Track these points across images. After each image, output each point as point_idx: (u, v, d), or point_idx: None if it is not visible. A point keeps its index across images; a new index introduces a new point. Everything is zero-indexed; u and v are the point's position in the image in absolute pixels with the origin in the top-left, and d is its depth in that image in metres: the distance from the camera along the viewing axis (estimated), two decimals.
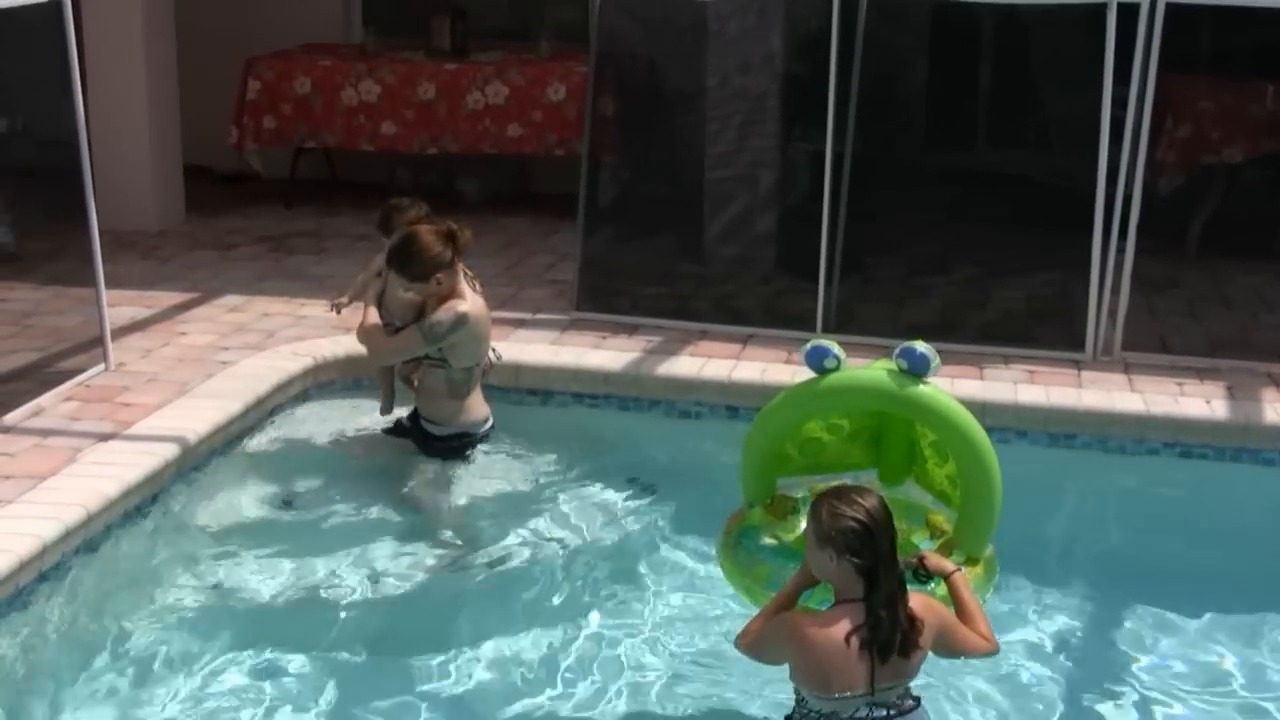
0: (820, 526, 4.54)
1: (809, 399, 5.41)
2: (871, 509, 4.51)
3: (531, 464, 6.96)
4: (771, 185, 9.03)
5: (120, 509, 6.06)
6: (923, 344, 5.25)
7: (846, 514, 4.49)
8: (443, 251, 6.39)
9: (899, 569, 4.54)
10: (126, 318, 8.21)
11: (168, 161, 10.37)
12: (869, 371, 5.37)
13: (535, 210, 10.75)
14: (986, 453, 5.24)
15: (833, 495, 4.57)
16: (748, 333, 8.09)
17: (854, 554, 4.48)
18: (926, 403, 5.24)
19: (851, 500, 4.52)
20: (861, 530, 4.47)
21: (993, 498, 5.28)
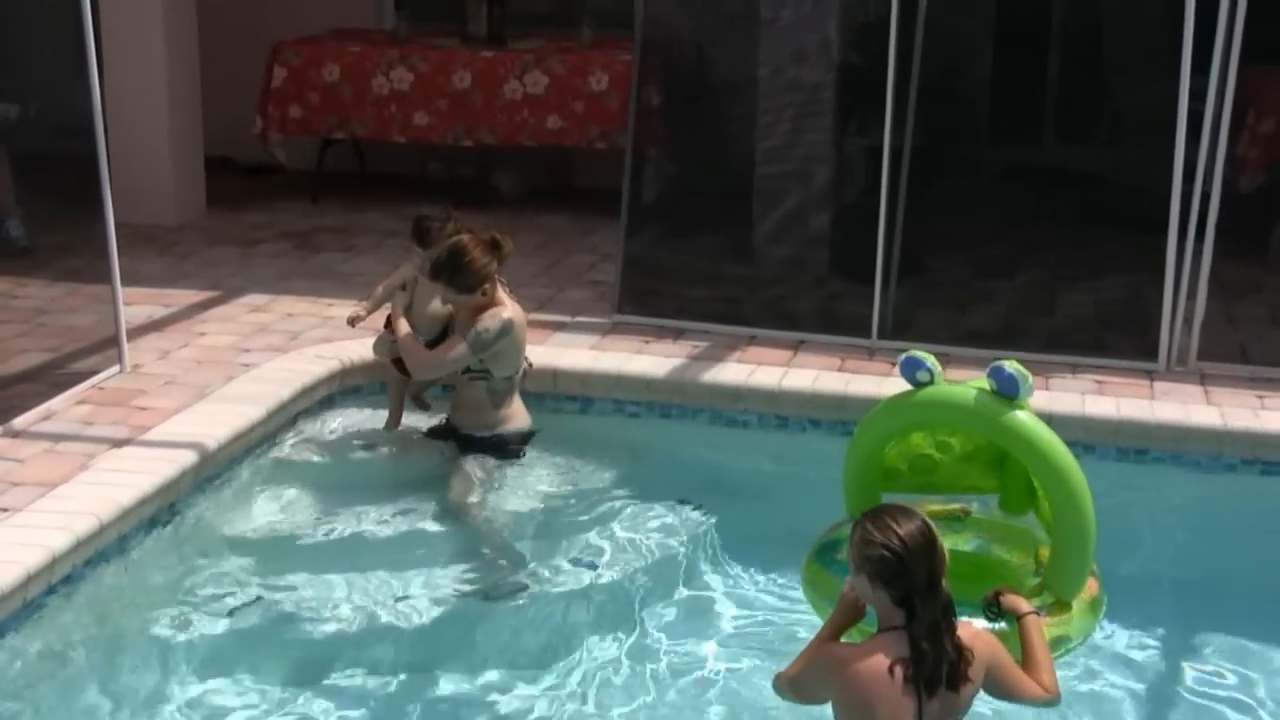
0: (854, 551, 4.51)
1: (899, 412, 5.44)
2: (906, 536, 4.42)
3: (570, 475, 6.97)
4: (826, 182, 8.99)
5: (135, 519, 6.07)
6: (1013, 364, 5.21)
7: (876, 540, 4.43)
8: (490, 262, 6.67)
9: (942, 598, 4.47)
10: (143, 317, 8.23)
11: (188, 152, 10.41)
12: (958, 389, 5.35)
13: (575, 207, 10.75)
14: (1079, 489, 5.18)
15: (869, 518, 4.52)
16: (799, 338, 8.06)
17: (886, 583, 4.43)
18: (1014, 429, 5.20)
19: (885, 525, 4.45)
20: (892, 559, 4.40)
21: (1085, 539, 5.23)
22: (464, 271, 6.65)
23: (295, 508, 6.70)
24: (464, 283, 6.67)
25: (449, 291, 6.73)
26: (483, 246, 6.67)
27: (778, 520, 6.66)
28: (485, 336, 6.68)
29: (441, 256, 6.70)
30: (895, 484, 5.71)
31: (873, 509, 4.59)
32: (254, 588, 6.09)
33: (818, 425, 7.30)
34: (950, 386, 5.38)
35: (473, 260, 6.64)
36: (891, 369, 7.61)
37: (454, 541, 6.46)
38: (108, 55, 9.72)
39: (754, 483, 7.04)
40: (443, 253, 6.71)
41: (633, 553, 6.39)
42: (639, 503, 6.78)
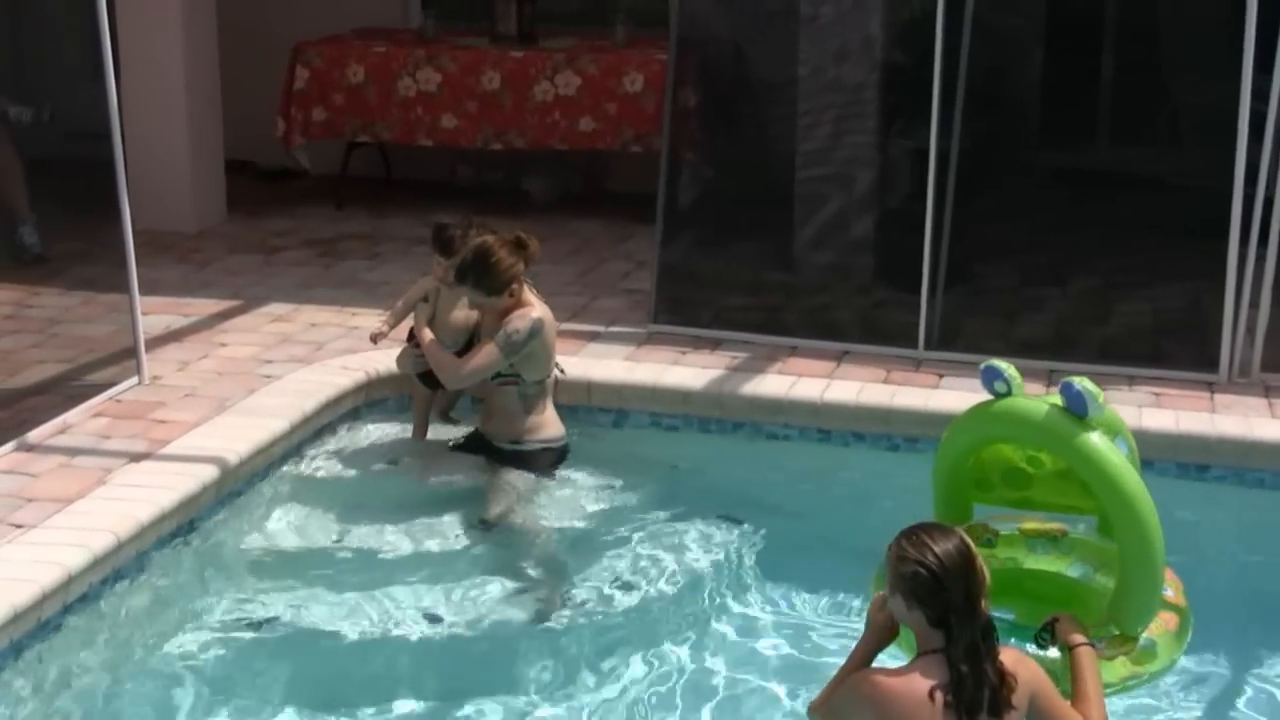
0: (889, 569, 4.49)
1: (977, 422, 5.49)
2: (943, 554, 4.40)
3: (605, 490, 6.96)
4: (869, 186, 8.97)
5: (153, 536, 6.08)
6: (1084, 381, 5.21)
7: (911, 557, 4.41)
8: (516, 262, 6.72)
9: (981, 619, 4.44)
10: (161, 327, 8.25)
11: (208, 156, 10.44)
12: (1030, 403, 5.36)
13: (608, 212, 10.74)
14: (1145, 518, 5.16)
15: (905, 535, 4.50)
16: (842, 349, 8.05)
17: (921, 602, 4.41)
18: (1078, 448, 5.19)
19: (921, 542, 4.43)
20: (928, 578, 4.38)
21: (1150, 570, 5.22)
22: (490, 273, 6.68)
23: (319, 525, 6.70)
24: (491, 284, 6.69)
25: (475, 294, 6.76)
26: (508, 247, 6.71)
27: (820, 537, 6.65)
28: (516, 338, 6.71)
29: (467, 258, 6.73)
30: (989, 496, 5.73)
31: (909, 527, 4.57)
32: (276, 608, 6.08)
33: (862, 439, 7.28)
34: (1023, 400, 5.39)
35: (499, 261, 6.67)
36: (939, 380, 7.60)
37: (488, 560, 6.45)
38: (125, 56, 9.75)
39: (796, 499, 7.02)
40: (468, 255, 6.74)
41: (670, 570, 6.37)
42: (676, 519, 6.77)
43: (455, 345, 7.00)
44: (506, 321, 6.73)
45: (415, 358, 7.12)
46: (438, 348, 6.94)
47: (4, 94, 9.65)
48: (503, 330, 6.72)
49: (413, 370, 7.21)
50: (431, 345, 6.94)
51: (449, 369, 6.89)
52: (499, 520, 6.63)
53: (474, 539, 6.58)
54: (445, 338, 7.01)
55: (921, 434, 7.16)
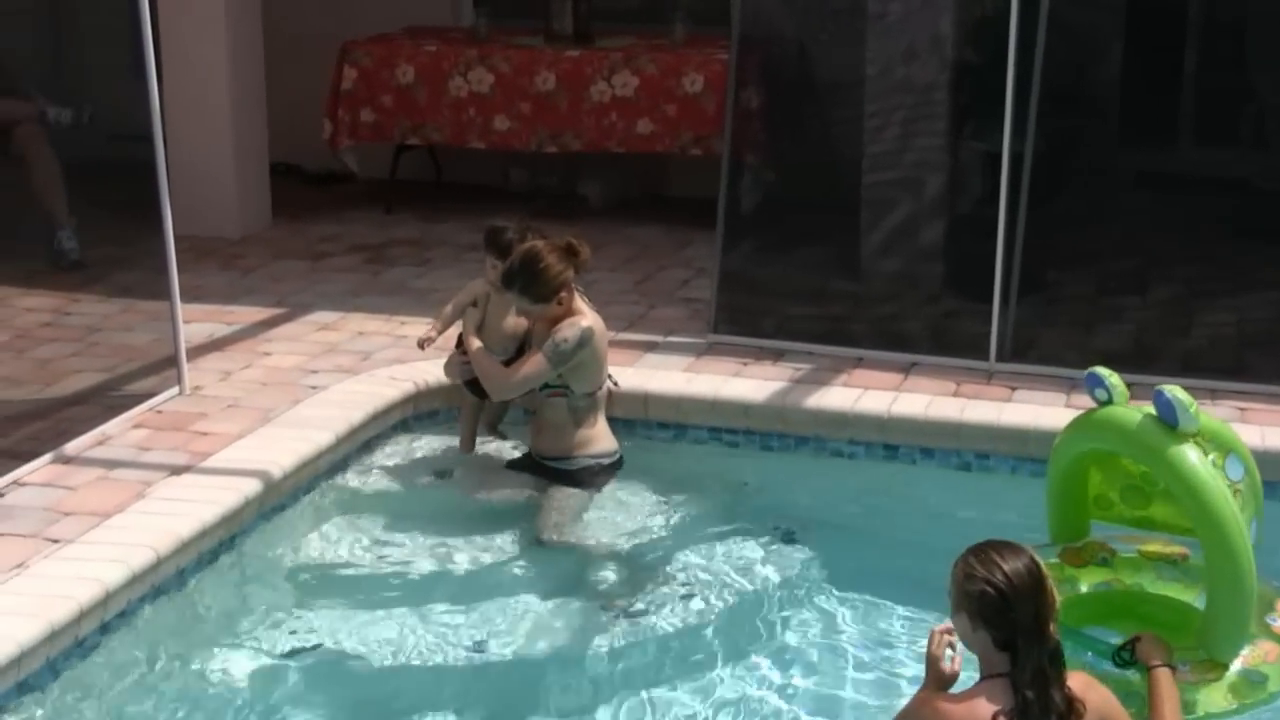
0: (954, 588, 4.46)
1: (1077, 433, 5.50)
2: (1013, 572, 4.38)
3: (661, 508, 6.96)
4: (939, 190, 8.94)
5: (194, 551, 6.10)
6: (1175, 389, 5.16)
7: (979, 574, 4.40)
8: (565, 269, 6.72)
9: (1050, 642, 4.42)
10: (204, 335, 8.29)
11: (253, 159, 10.49)
12: (1125, 412, 5.34)
13: (667, 218, 10.74)
14: (1234, 538, 5.12)
15: (973, 551, 4.48)
16: (910, 360, 8.02)
17: (988, 623, 4.39)
18: (1166, 461, 5.16)
19: (990, 560, 4.42)
20: (995, 597, 4.36)
21: (1237, 592, 5.18)
22: (538, 279, 6.68)
23: (365, 541, 6.72)
24: (539, 291, 6.70)
25: (522, 301, 6.77)
26: (558, 253, 6.72)
27: (886, 558, 6.64)
28: (564, 348, 6.71)
29: (514, 264, 6.74)
30: (1108, 513, 5.71)
31: (977, 544, 4.55)
32: (319, 628, 6.10)
33: (930, 455, 7.26)
34: (1119, 409, 5.36)
35: (548, 267, 6.67)
36: (1011, 394, 7.57)
37: (538, 579, 6.45)
38: (167, 56, 9.79)
39: (861, 518, 7.01)
40: (515, 260, 6.75)
41: (729, 592, 6.37)
42: (736, 538, 6.75)
43: (505, 353, 7.00)
44: (555, 330, 6.74)
45: (462, 365, 7.13)
46: (485, 355, 6.95)
47: (43, 94, 9.71)
48: (550, 339, 6.73)
49: (460, 378, 7.21)
50: (478, 353, 6.95)
51: (495, 378, 6.90)
52: (551, 539, 6.63)
53: (525, 557, 6.59)
54: (494, 345, 7.01)
55: (993, 450, 7.14)
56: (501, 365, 6.92)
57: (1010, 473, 7.14)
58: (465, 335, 7.05)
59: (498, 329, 7.06)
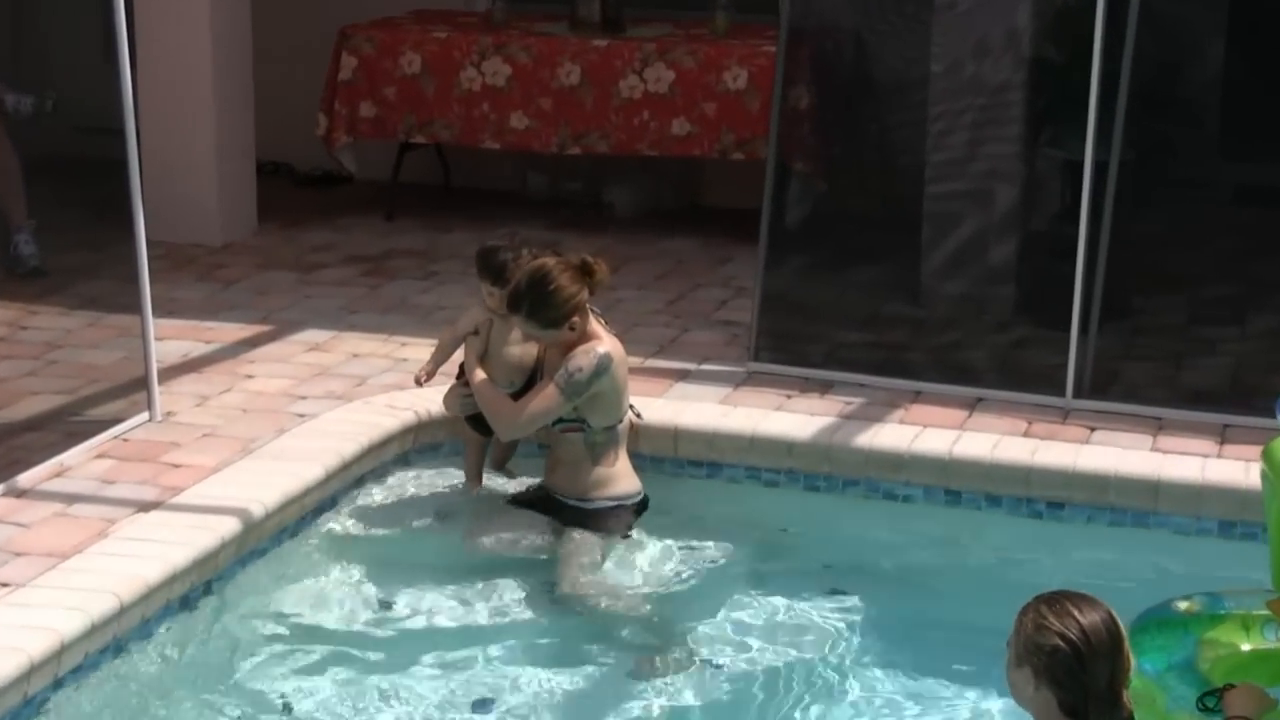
0: (1020, 638, 4.43)
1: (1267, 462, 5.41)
2: (1090, 627, 4.34)
3: (691, 555, 6.96)
4: (1012, 204, 8.94)
5: (162, 599, 6.09)
6: None
7: (1053, 627, 4.36)
8: (579, 290, 6.70)
9: (1124, 713, 4.38)
10: (178, 354, 8.30)
11: (237, 157, 10.51)
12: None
13: (704, 230, 10.74)
14: None
15: (1045, 600, 4.44)
16: (976, 395, 8.00)
17: (1055, 682, 4.35)
18: None
19: (1065, 610, 4.37)
20: (1069, 654, 4.32)
21: None
22: (548, 302, 6.66)
23: (358, 590, 6.71)
24: (548, 315, 6.69)
25: (530, 326, 6.76)
26: (570, 272, 6.70)
27: (947, 617, 6.63)
28: (579, 377, 6.70)
29: (521, 284, 6.72)
30: None
31: (1048, 593, 4.52)
32: (305, 688, 6.08)
33: (997, 503, 7.24)
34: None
35: (559, 289, 6.65)
36: (1089, 434, 7.55)
37: (553, 637, 6.45)
38: (143, 39, 9.82)
39: (918, 571, 7.00)
40: (522, 279, 6.73)
41: (767, 656, 6.35)
42: (775, 593, 6.74)
43: (512, 386, 6.98)
44: (569, 358, 6.72)
45: (464, 398, 7.11)
46: (490, 389, 6.93)
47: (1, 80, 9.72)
48: (564, 369, 6.71)
49: (461, 412, 7.19)
50: (483, 386, 6.93)
51: (502, 415, 6.88)
52: (569, 593, 6.61)
53: (537, 612, 6.58)
54: (500, 377, 6.98)
55: (1068, 498, 7.13)
56: (509, 399, 6.90)
57: (1086, 522, 7.12)
58: (468, 366, 7.03)
59: (503, 358, 7.03)
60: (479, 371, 6.97)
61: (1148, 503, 7.08)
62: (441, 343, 7.29)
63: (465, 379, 7.09)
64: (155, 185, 8.96)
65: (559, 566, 6.72)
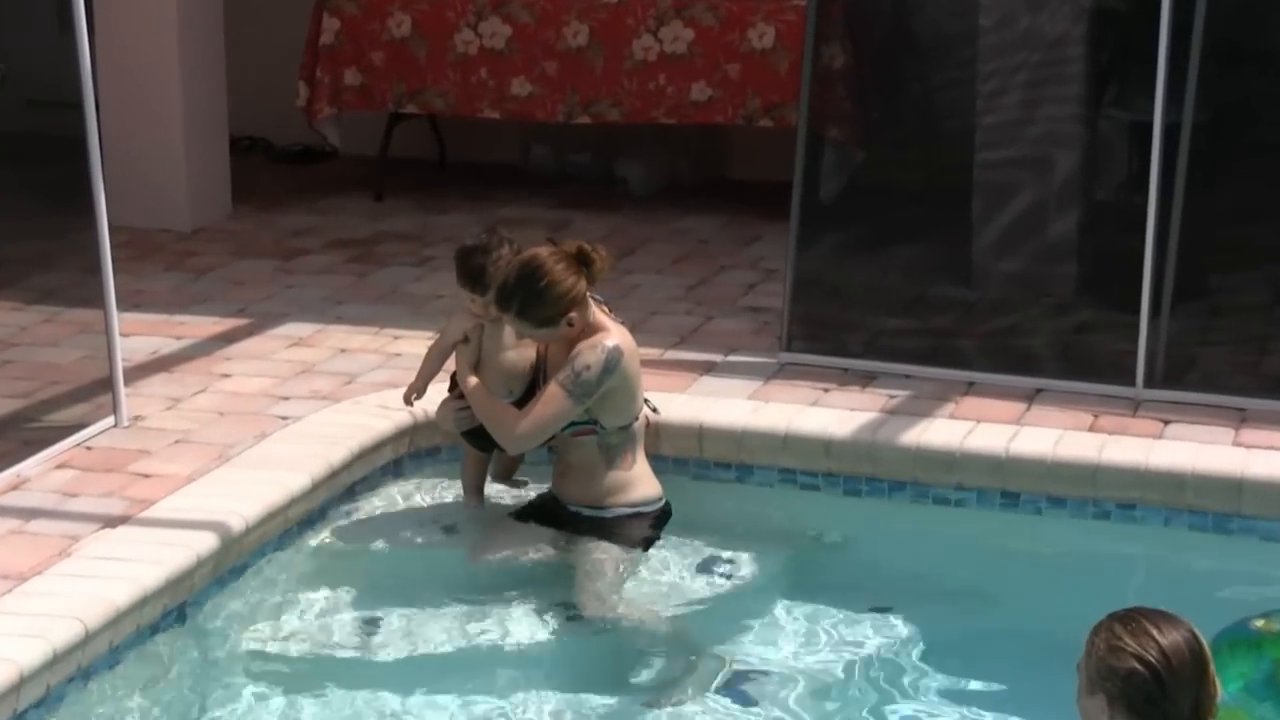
0: (1092, 661, 4.41)
1: None
2: (1172, 649, 4.32)
3: (718, 569, 6.97)
4: (1072, 172, 8.94)
5: (131, 624, 6.08)
6: None
7: (1129, 649, 4.35)
8: (575, 283, 6.68)
9: None
10: (146, 352, 8.31)
11: (208, 132, 10.52)
12: None
13: (728, 206, 10.75)
14: None
15: (1121, 619, 4.42)
16: (1035, 385, 8.00)
17: (1133, 711, 4.33)
18: None
19: (1142, 631, 4.36)
20: (1148, 679, 4.30)
21: None
22: (541, 298, 6.63)
23: (351, 612, 6.71)
24: (542, 312, 6.66)
25: (523, 326, 6.73)
26: (566, 263, 6.67)
27: (1006, 636, 6.64)
28: (587, 376, 6.67)
29: (510, 280, 6.68)
30: None
31: (1123, 611, 4.50)
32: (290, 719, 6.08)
33: (1061, 505, 7.24)
34: None
35: (552, 283, 6.62)
36: (1162, 428, 7.53)
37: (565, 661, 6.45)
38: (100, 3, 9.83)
39: (973, 584, 7.01)
40: (511, 274, 6.70)
41: (806, 681, 6.34)
42: (814, 610, 6.74)
43: (512, 395, 6.93)
44: (573, 356, 6.69)
45: (459, 412, 7.06)
46: (488, 399, 6.89)
47: None
48: (569, 368, 6.67)
49: (458, 428, 7.14)
50: (480, 396, 6.89)
51: (505, 427, 6.84)
52: (594, 613, 6.61)
53: (552, 634, 6.58)
54: (497, 387, 6.93)
55: (1140, 499, 7.13)
56: (512, 409, 6.87)
57: (1163, 526, 7.11)
58: (460, 375, 6.98)
59: (499, 366, 6.96)
60: (472, 379, 6.93)
61: (1230, 504, 7.06)
62: (429, 356, 7.22)
63: (459, 391, 7.04)
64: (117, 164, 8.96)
65: (574, 583, 6.72)
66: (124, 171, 9.54)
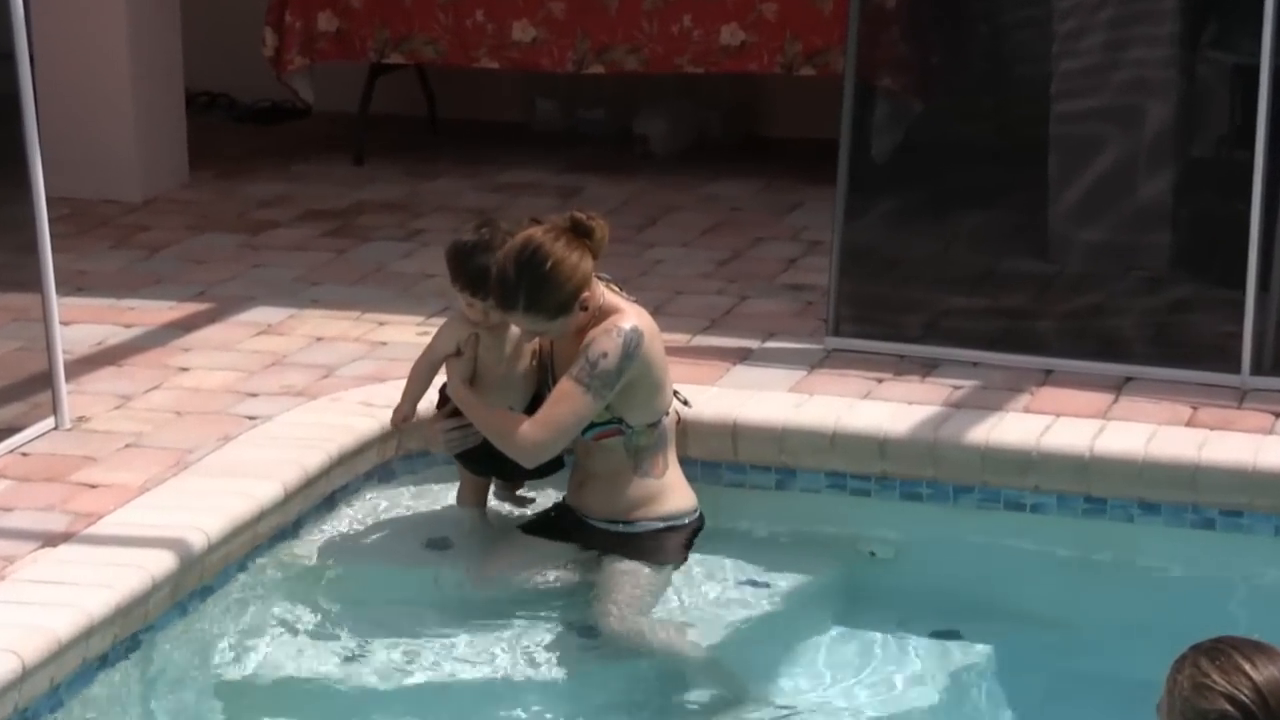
0: (1172, 701, 4.41)
1: None
2: (1266, 684, 4.29)
3: (760, 588, 6.98)
4: (1166, 125, 8.94)
5: (76, 659, 6.08)
6: None
7: (1217, 687, 4.33)
8: (581, 258, 6.66)
9: None
10: (91, 343, 8.34)
11: (161, 87, 10.54)
12: None
13: (764, 169, 10.77)
14: None
15: (1207, 652, 4.40)
16: (1124, 374, 8.00)
17: None
18: None
19: (1233, 665, 4.34)
20: None
21: None
22: (548, 283, 6.59)
23: (330, 642, 6.72)
24: (553, 299, 6.62)
25: (535, 321, 6.68)
26: (565, 238, 6.64)
27: (1089, 664, 6.66)
28: (604, 365, 6.64)
29: (508, 273, 6.63)
30: None
31: (1208, 642, 4.49)
32: None
33: (1154, 512, 7.24)
34: None
35: (557, 263, 6.59)
36: (1273, 422, 7.53)
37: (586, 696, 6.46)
38: None
39: (1051, 604, 7.02)
40: (508, 266, 6.64)
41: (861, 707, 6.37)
42: (866, 633, 6.78)
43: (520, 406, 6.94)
44: (586, 345, 6.66)
45: (451, 432, 7.00)
46: (488, 410, 6.87)
47: None
48: (583, 359, 6.64)
49: (448, 450, 7.09)
50: (478, 407, 6.87)
51: (515, 436, 6.79)
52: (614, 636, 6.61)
53: (569, 664, 6.59)
54: (497, 404, 6.92)
55: (1247, 504, 7.13)
56: (520, 417, 6.83)
57: (1274, 536, 7.11)
58: (451, 388, 6.95)
59: (498, 380, 6.93)
60: (463, 390, 6.89)
61: None
62: (415, 372, 7.14)
63: (450, 407, 7.00)
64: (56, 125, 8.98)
65: (596, 605, 6.72)
66: (63, 133, 9.56)
